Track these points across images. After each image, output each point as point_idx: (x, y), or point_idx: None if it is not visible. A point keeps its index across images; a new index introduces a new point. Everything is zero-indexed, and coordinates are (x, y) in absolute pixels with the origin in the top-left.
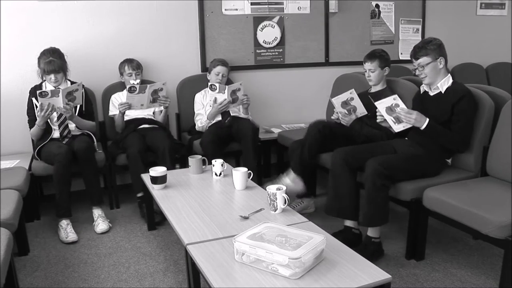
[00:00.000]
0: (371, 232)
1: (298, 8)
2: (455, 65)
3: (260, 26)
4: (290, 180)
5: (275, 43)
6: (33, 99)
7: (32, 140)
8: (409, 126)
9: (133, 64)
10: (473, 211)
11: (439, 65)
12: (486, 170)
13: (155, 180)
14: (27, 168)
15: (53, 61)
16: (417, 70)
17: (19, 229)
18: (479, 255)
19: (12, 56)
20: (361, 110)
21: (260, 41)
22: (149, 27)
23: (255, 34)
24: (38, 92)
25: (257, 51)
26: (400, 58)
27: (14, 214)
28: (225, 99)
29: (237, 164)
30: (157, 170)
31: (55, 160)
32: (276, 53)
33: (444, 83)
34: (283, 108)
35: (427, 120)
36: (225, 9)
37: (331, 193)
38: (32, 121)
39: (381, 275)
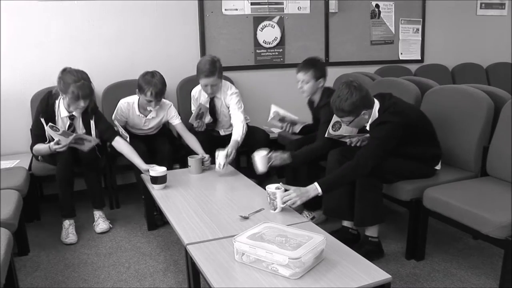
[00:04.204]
0: (368, 231)
1: (298, 8)
2: (455, 65)
3: (260, 26)
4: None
5: (275, 43)
6: (42, 119)
7: (32, 140)
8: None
9: (157, 90)
10: (473, 211)
11: (363, 117)
12: (486, 170)
13: (155, 180)
14: (27, 168)
15: (86, 84)
16: (342, 124)
17: (19, 229)
18: (479, 255)
19: (12, 56)
20: (351, 131)
21: (260, 41)
22: (149, 27)
23: (255, 34)
24: (49, 124)
25: (257, 51)
26: (400, 58)
27: (14, 214)
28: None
29: (237, 164)
30: (157, 170)
31: (57, 161)
32: (276, 53)
33: (369, 123)
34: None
35: (315, 185)
36: (225, 9)
37: (328, 194)
38: (36, 136)
39: (381, 275)
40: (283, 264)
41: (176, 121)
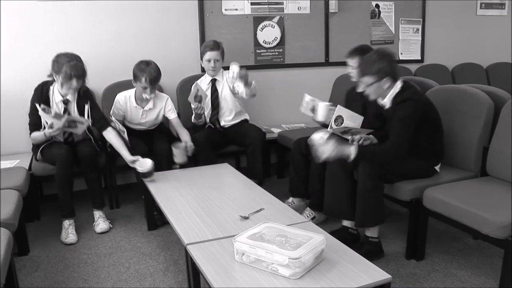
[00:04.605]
0: (369, 231)
1: (298, 8)
2: (455, 65)
3: (260, 26)
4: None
5: (275, 43)
6: (37, 104)
7: None
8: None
9: (152, 77)
10: (473, 211)
11: (383, 86)
12: (486, 170)
13: (143, 175)
14: (27, 168)
15: (78, 64)
16: (361, 85)
17: (19, 229)
18: (479, 255)
19: (12, 56)
20: (364, 131)
21: (260, 41)
22: (149, 27)
23: (255, 34)
24: (41, 107)
25: (257, 51)
26: (400, 58)
27: (14, 214)
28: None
29: (237, 165)
30: (144, 165)
31: (56, 161)
32: (276, 53)
33: (390, 98)
34: (283, 108)
35: (353, 147)
36: (225, 9)
37: (328, 193)
38: (33, 124)
39: (381, 275)
40: (283, 264)
41: (172, 115)
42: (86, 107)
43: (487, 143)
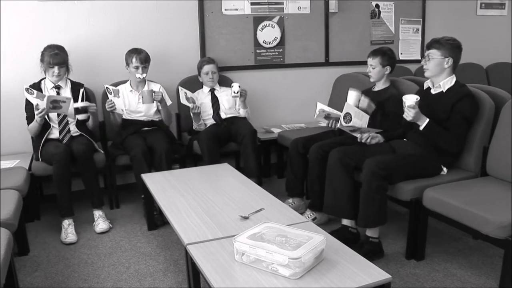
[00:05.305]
0: (369, 231)
1: (298, 8)
2: None
3: (260, 26)
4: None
5: (275, 43)
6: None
7: (32, 139)
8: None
9: (141, 56)
10: (473, 211)
11: (444, 64)
12: (486, 170)
13: (76, 111)
14: (27, 168)
15: (58, 54)
16: (424, 59)
17: (19, 229)
18: (479, 255)
19: (12, 57)
20: (373, 130)
21: (260, 41)
22: (149, 27)
23: (255, 34)
24: (25, 87)
25: (257, 51)
26: (400, 58)
27: (14, 214)
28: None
29: (237, 164)
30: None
31: (53, 160)
32: (276, 53)
33: (446, 83)
34: (283, 108)
35: (427, 120)
36: (225, 9)
37: (328, 192)
38: (29, 117)
39: (381, 275)
40: (283, 264)
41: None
42: (81, 91)
43: (487, 143)
